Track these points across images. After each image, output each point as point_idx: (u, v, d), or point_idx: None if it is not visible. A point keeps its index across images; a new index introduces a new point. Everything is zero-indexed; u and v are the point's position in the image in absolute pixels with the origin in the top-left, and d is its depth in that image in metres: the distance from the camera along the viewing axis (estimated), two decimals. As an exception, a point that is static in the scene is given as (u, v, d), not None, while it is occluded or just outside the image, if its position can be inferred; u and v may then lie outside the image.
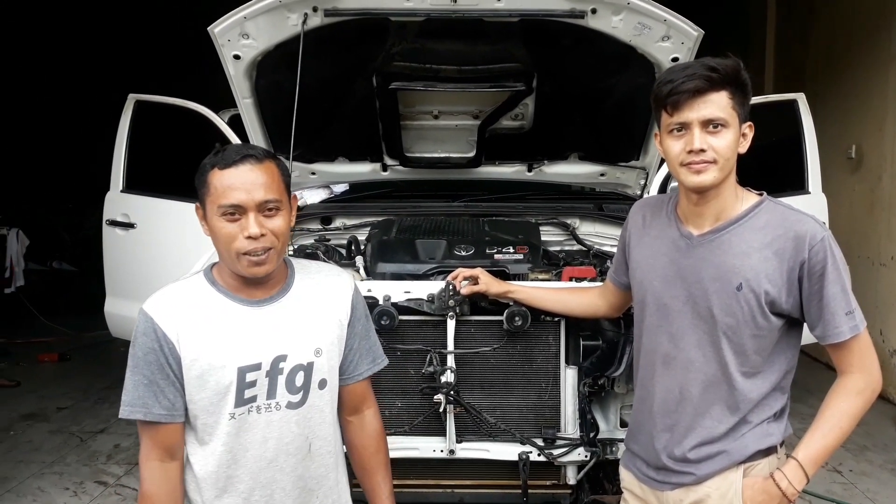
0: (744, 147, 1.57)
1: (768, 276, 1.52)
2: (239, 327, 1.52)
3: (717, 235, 1.58)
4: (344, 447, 1.76)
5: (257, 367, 1.52)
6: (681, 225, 1.65)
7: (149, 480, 1.51)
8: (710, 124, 1.50)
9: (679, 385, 1.62)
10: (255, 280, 1.53)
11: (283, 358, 1.54)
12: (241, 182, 1.45)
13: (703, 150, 1.50)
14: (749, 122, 1.57)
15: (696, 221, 1.62)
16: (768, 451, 1.60)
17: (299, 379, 1.56)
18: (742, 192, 1.62)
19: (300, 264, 1.69)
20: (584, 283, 2.46)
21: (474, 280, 2.26)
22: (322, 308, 1.62)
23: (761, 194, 1.62)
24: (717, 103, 1.50)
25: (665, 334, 1.63)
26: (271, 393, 1.54)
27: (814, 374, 4.86)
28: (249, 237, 1.46)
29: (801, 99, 3.78)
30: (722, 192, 1.57)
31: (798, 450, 1.56)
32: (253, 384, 1.52)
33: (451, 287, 2.30)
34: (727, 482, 1.59)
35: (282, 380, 1.54)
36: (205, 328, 1.50)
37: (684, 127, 1.52)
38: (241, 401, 1.51)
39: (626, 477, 1.80)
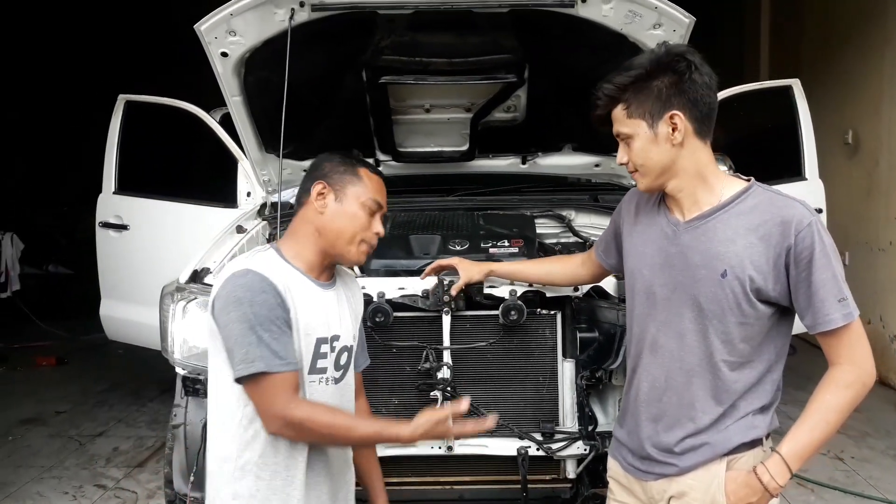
0: (677, 138, 1.51)
1: (753, 262, 1.49)
2: (315, 302, 1.66)
3: (702, 222, 1.56)
4: None
5: (325, 340, 1.66)
6: (668, 212, 1.64)
7: (309, 407, 1.57)
8: (620, 138, 1.60)
9: (665, 373, 1.60)
10: (330, 265, 1.72)
11: (336, 338, 1.69)
12: (383, 190, 1.75)
13: (624, 164, 1.61)
14: (671, 112, 1.50)
15: (681, 208, 1.61)
16: (753, 444, 1.57)
17: (343, 358, 1.72)
18: (724, 178, 1.59)
19: None
20: None
21: (451, 270, 2.25)
22: (355, 300, 1.83)
23: (749, 180, 1.58)
24: (618, 119, 1.57)
25: (653, 322, 1.62)
26: (330, 367, 1.68)
27: (814, 361, 4.86)
28: (378, 233, 1.71)
29: (796, 85, 3.76)
30: (681, 187, 1.58)
31: (782, 444, 1.52)
32: (324, 356, 1.66)
33: (444, 284, 2.28)
34: (710, 474, 1.56)
35: (332, 357, 1.69)
36: (294, 295, 1.60)
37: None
38: (313, 369, 1.64)
39: (612, 466, 1.79)
